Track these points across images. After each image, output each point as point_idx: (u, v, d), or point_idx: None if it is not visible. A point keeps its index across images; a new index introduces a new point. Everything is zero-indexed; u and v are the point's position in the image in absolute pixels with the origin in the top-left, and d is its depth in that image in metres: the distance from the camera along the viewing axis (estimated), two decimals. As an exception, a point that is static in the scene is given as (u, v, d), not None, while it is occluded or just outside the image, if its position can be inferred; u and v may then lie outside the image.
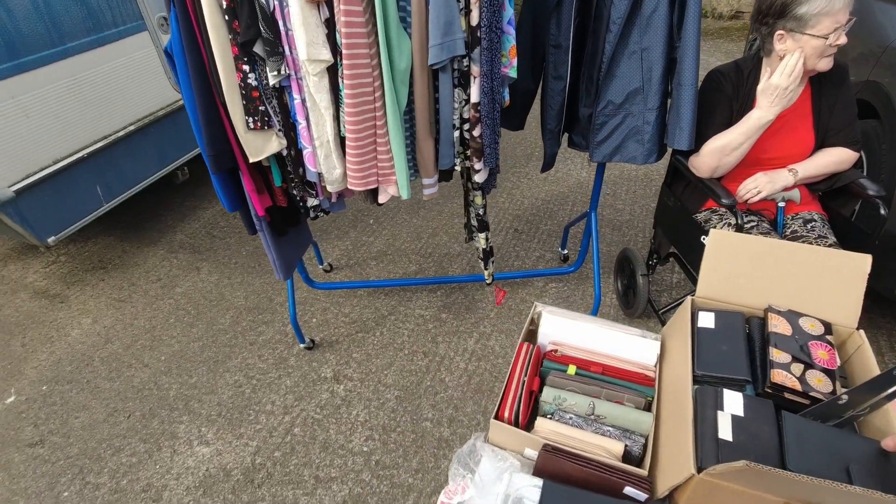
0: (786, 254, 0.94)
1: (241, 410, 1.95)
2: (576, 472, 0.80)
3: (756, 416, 0.74)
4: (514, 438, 0.87)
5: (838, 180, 1.62)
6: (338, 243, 2.79)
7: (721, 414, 0.75)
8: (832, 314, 0.91)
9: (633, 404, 0.89)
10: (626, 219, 2.88)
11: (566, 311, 1.03)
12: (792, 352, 0.84)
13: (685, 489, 0.74)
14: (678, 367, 0.87)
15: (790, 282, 0.93)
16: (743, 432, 0.72)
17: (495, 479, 0.84)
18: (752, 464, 0.59)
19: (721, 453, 0.70)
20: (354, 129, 1.44)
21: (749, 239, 0.96)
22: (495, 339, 2.20)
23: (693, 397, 0.79)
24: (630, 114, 1.67)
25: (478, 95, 1.48)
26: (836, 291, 0.92)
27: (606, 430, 0.86)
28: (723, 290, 0.96)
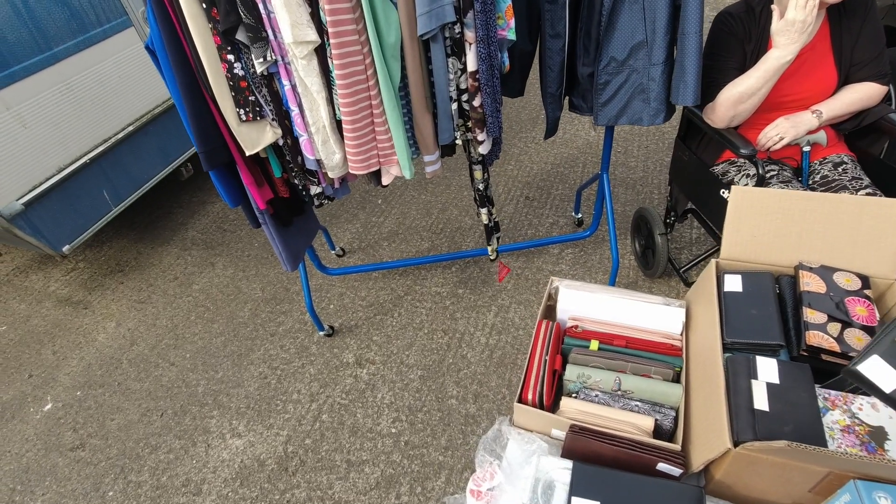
0: (814, 206, 0.88)
1: (268, 401, 1.98)
2: (606, 451, 0.78)
3: (793, 382, 0.70)
4: (539, 420, 0.85)
5: (866, 117, 1.52)
6: (348, 227, 2.76)
7: (755, 383, 0.71)
8: (869, 266, 0.85)
9: (660, 377, 0.86)
10: (639, 176, 2.79)
11: (584, 283, 0.99)
12: (827, 310, 0.80)
13: (721, 463, 0.71)
14: (706, 335, 0.83)
15: (821, 235, 0.88)
16: (780, 401, 0.69)
17: (523, 463, 0.83)
18: (794, 444, 0.55)
19: (758, 425, 0.67)
20: (350, 111, 1.38)
21: (773, 193, 0.90)
22: (514, 310, 2.17)
23: (724, 366, 0.75)
24: (635, 70, 1.58)
25: (475, 63, 1.41)
26: (872, 241, 0.86)
27: (634, 405, 0.83)
28: (749, 250, 0.91)
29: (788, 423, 0.66)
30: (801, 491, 0.69)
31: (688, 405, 0.82)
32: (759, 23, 1.48)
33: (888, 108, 1.51)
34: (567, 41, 1.64)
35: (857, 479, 0.61)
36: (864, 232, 0.86)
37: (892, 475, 0.59)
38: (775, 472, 0.68)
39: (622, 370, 0.87)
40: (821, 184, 1.52)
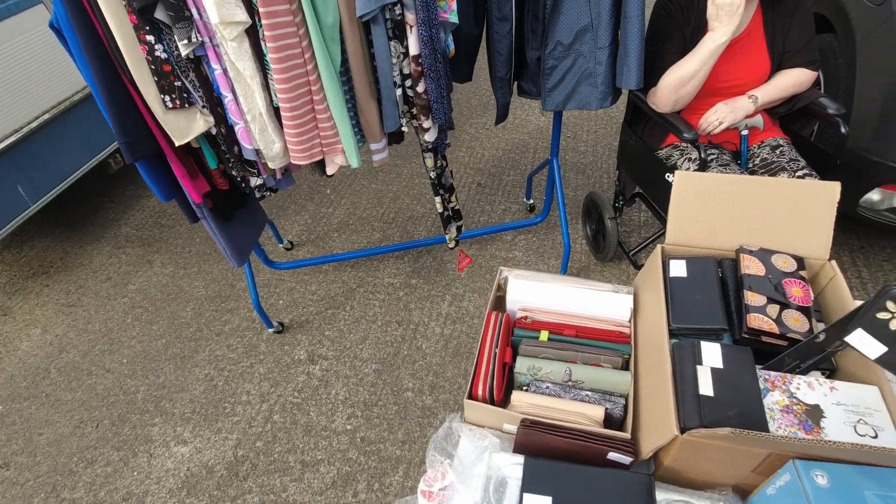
0: (753, 189, 0.90)
1: (215, 405, 1.88)
2: (558, 443, 0.77)
3: (735, 366, 0.71)
4: (490, 416, 0.83)
5: (798, 102, 1.58)
6: (296, 218, 2.66)
7: (700, 368, 0.71)
8: (804, 247, 0.88)
9: (610, 365, 0.86)
10: (589, 161, 2.82)
11: (533, 272, 0.98)
12: (766, 293, 0.81)
13: (670, 449, 0.71)
14: (653, 321, 0.83)
15: (760, 218, 0.89)
16: (723, 385, 0.69)
17: (475, 461, 0.81)
18: (737, 431, 0.56)
19: (703, 411, 0.67)
20: (288, 98, 1.31)
21: (715, 178, 0.90)
22: (469, 299, 2.16)
23: (671, 353, 0.75)
24: (581, 55, 1.58)
25: (417, 47, 1.35)
26: (807, 223, 0.88)
27: (585, 395, 0.83)
28: (693, 235, 0.91)
29: (732, 408, 0.67)
30: (744, 471, 0.70)
31: (637, 392, 0.82)
32: (697, 7, 1.50)
33: (818, 92, 1.57)
34: (514, 24, 1.62)
35: (796, 458, 0.63)
36: (800, 214, 0.89)
37: (827, 454, 0.60)
38: (721, 456, 0.69)
39: (572, 360, 0.86)
40: (761, 166, 1.58)
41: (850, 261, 2.12)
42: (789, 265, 0.85)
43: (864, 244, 2.17)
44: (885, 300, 0.60)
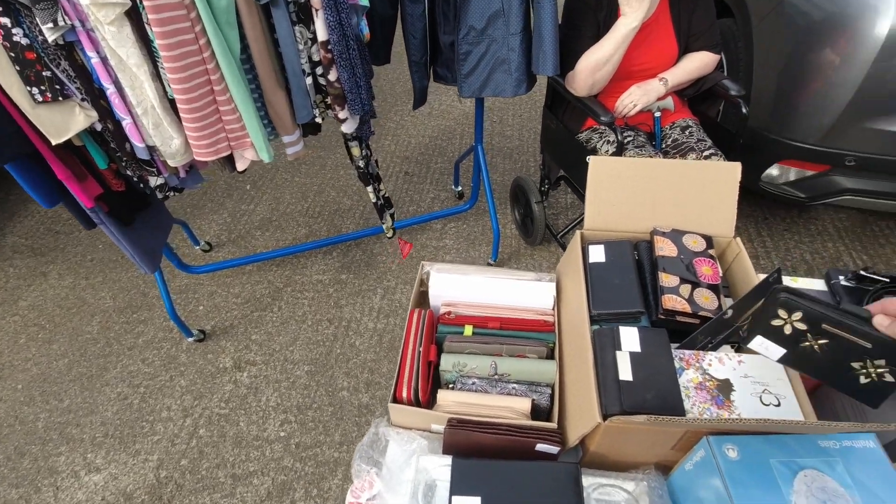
0: (663, 171, 0.91)
1: (131, 425, 1.73)
2: (486, 440, 0.75)
3: (653, 349, 0.72)
4: (416, 418, 0.80)
5: (704, 83, 1.65)
6: (213, 217, 2.49)
7: (619, 354, 0.72)
8: (711, 226, 0.91)
9: (535, 355, 0.85)
10: (515, 145, 2.84)
11: (455, 265, 0.95)
12: (679, 273, 0.83)
13: (594, 436, 0.71)
14: (575, 309, 0.83)
15: (671, 199, 0.91)
16: (642, 369, 0.70)
17: (403, 466, 0.78)
18: (652, 417, 0.56)
19: (623, 396, 0.68)
20: (184, 89, 1.19)
21: (628, 162, 0.91)
22: (401, 291, 2.12)
23: (592, 339, 0.75)
24: (494, 40, 1.55)
25: (325, 32, 1.27)
26: (713, 203, 0.92)
27: (512, 387, 0.82)
28: (610, 219, 0.92)
29: (650, 390, 0.68)
30: (665, 449, 0.72)
31: (562, 381, 0.82)
32: (611, -11, 1.52)
33: (721, 74, 1.65)
34: (427, 7, 1.57)
35: (709, 434, 0.64)
36: (706, 194, 0.91)
37: (736, 428, 0.62)
38: (642, 437, 0.70)
39: (498, 353, 0.85)
40: (672, 146, 1.64)
41: (756, 231, 2.28)
42: (699, 245, 0.88)
43: (767, 216, 2.34)
44: (776, 308, 0.63)
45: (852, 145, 1.67)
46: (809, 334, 0.63)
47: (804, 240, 2.24)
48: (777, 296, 0.63)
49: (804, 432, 0.62)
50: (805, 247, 2.21)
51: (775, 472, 0.61)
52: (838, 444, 0.63)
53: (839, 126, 1.64)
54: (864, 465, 0.61)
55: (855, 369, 0.62)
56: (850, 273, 0.92)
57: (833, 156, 1.71)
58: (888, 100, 1.59)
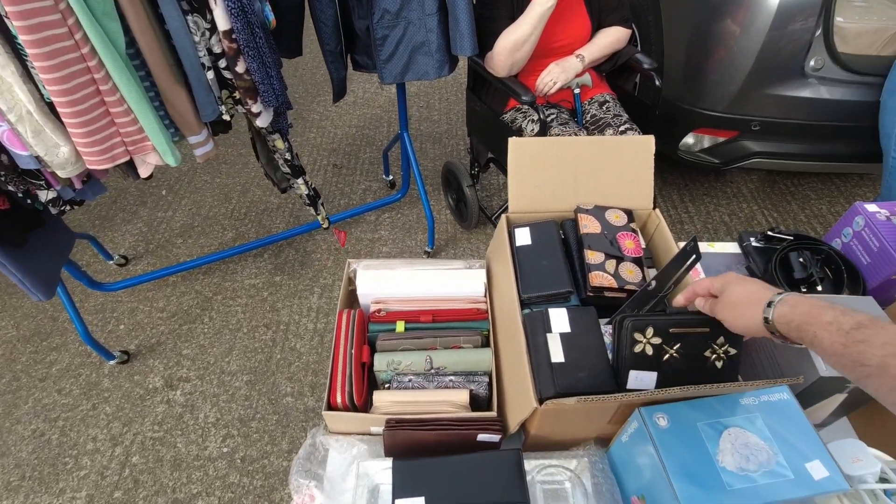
0: (581, 149, 0.92)
1: (52, 463, 1.59)
2: (426, 437, 0.73)
3: (582, 328, 0.73)
4: (353, 423, 0.77)
5: (619, 58, 1.69)
6: (126, 228, 2.30)
7: (550, 336, 0.72)
8: (631, 200, 0.93)
9: (470, 344, 0.84)
10: (444, 129, 2.82)
11: (382, 260, 0.92)
12: (604, 249, 0.84)
13: (533, 420, 0.71)
14: (506, 293, 0.82)
15: (590, 176, 0.92)
16: (573, 349, 0.70)
17: (345, 474, 0.74)
18: (583, 398, 0.56)
19: (556, 378, 0.68)
20: (62, 90, 1.06)
21: (545, 142, 0.91)
22: (339, 288, 2.02)
23: (523, 323, 0.74)
24: (410, 22, 1.51)
25: (227, 21, 1.18)
26: (631, 176, 0.93)
27: (449, 380, 0.80)
28: (534, 201, 0.92)
29: (583, 370, 0.69)
30: (602, 424, 0.73)
31: (498, 368, 0.81)
32: (523, -33, 1.51)
33: (634, 49, 1.69)
34: (337, -8, 1.49)
35: (641, 405, 0.66)
36: (624, 169, 0.93)
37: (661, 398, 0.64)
38: (579, 416, 0.70)
39: (432, 346, 0.83)
40: (591, 122, 1.67)
41: (679, 198, 2.39)
42: (621, 219, 0.89)
43: (687, 183, 2.46)
44: (631, 334, 0.68)
45: (756, 111, 1.77)
46: (665, 346, 0.68)
47: (722, 202, 2.38)
48: (625, 323, 0.68)
49: (723, 393, 0.65)
50: (723, 209, 2.34)
51: (703, 435, 0.63)
52: (756, 399, 0.66)
53: (743, 93, 1.73)
54: (781, 417, 0.64)
55: (709, 358, 0.69)
56: (759, 234, 0.97)
57: (740, 122, 1.81)
58: (783, 67, 1.69)
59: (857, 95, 1.69)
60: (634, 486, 0.69)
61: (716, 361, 0.68)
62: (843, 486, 0.59)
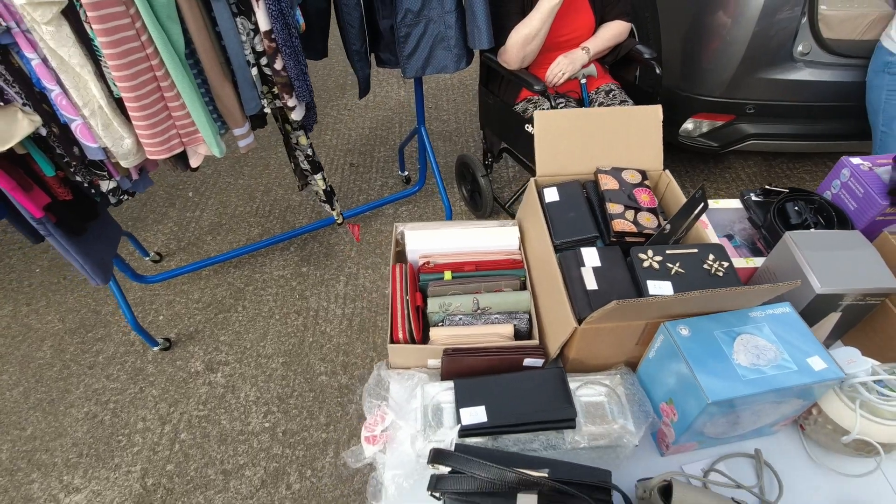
0: (598, 120, 1.04)
1: (106, 441, 1.69)
2: (479, 363, 0.85)
3: (610, 263, 0.85)
4: (414, 355, 0.88)
5: (621, 50, 1.82)
6: (158, 228, 2.42)
7: (584, 269, 0.83)
8: (644, 162, 1.05)
9: (510, 288, 0.96)
10: (453, 128, 2.95)
11: (425, 223, 1.04)
12: (623, 202, 0.96)
13: (572, 343, 0.83)
14: (539, 243, 0.94)
15: (607, 143, 1.04)
16: (604, 279, 0.82)
17: (409, 398, 0.86)
18: (621, 301, 0.67)
19: (592, 302, 0.79)
20: (131, 87, 1.19)
21: (568, 113, 1.03)
22: (363, 276, 2.17)
23: (558, 263, 0.86)
24: (431, 20, 1.64)
25: (267, 21, 1.31)
26: (642, 142, 1.05)
27: (494, 318, 0.92)
28: (558, 165, 1.04)
29: (613, 295, 0.80)
30: (630, 347, 0.85)
31: (536, 306, 0.93)
32: (532, -29, 1.64)
33: (635, 41, 1.82)
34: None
35: (666, 320, 0.77)
36: (636, 136, 1.05)
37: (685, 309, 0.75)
38: (611, 338, 0.82)
39: (477, 291, 0.94)
40: (598, 108, 1.80)
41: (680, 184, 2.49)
42: (636, 178, 1.01)
43: (688, 168, 2.59)
44: (635, 255, 0.82)
45: (750, 95, 1.90)
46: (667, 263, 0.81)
47: (721, 187, 2.50)
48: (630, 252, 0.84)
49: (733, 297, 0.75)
50: (723, 193, 2.47)
51: (719, 341, 0.74)
52: (763, 313, 0.78)
53: (737, 78, 1.87)
54: (784, 325, 0.76)
55: (709, 270, 0.82)
56: (759, 189, 1.09)
57: (735, 106, 1.94)
58: (773, 53, 1.83)
59: (844, 77, 1.82)
60: (662, 394, 0.80)
61: (716, 273, 0.79)
62: (839, 375, 0.70)
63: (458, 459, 0.65)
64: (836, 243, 0.86)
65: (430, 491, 0.66)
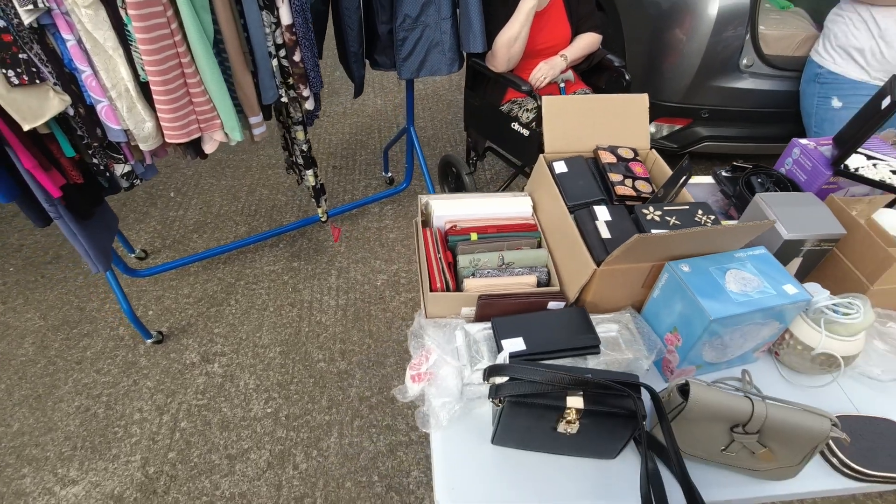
0: (596, 105, 1.20)
1: (102, 433, 1.67)
2: (509, 307, 0.96)
3: (619, 217, 0.99)
4: (451, 302, 0.99)
5: (594, 59, 2.03)
6: (141, 227, 2.41)
7: (598, 222, 0.98)
8: (634, 141, 1.22)
9: (529, 247, 1.08)
10: (431, 133, 3.09)
11: (447, 194, 1.16)
12: (621, 172, 1.12)
13: (590, 286, 0.96)
14: (553, 207, 1.08)
15: (603, 125, 1.21)
16: (615, 229, 0.97)
17: (449, 339, 0.96)
18: (642, 234, 0.81)
19: (608, 247, 0.93)
20: (159, 71, 1.25)
21: (570, 99, 1.19)
22: (354, 269, 2.25)
23: (574, 219, 1.00)
24: (427, 26, 1.79)
25: (289, 16, 1.41)
26: (632, 125, 1.22)
27: (518, 271, 1.04)
28: (563, 143, 1.19)
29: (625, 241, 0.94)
30: (636, 288, 0.99)
31: (553, 259, 1.06)
32: (514, -18, 1.82)
33: (605, 51, 2.04)
34: (362, 0, 1.75)
35: (669, 261, 0.92)
36: (627, 119, 1.22)
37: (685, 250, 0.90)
38: (622, 279, 0.96)
39: (501, 249, 1.07)
40: (576, 110, 1.99)
41: (640, 185, 2.75)
42: (629, 154, 1.18)
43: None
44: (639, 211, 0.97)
45: (704, 101, 2.16)
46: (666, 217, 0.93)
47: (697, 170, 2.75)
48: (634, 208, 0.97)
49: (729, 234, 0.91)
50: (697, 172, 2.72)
51: (714, 274, 0.90)
52: (745, 254, 0.94)
53: (693, 86, 2.12)
54: (762, 263, 0.92)
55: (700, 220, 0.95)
56: (728, 166, 1.28)
57: (692, 110, 2.19)
58: (723, 64, 2.09)
59: (782, 86, 2.11)
60: (666, 326, 0.94)
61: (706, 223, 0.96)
62: (807, 297, 0.87)
63: (514, 369, 0.76)
64: (795, 202, 1.04)
65: (491, 398, 0.77)
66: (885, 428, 0.90)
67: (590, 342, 0.90)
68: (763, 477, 0.84)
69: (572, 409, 0.75)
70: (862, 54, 1.76)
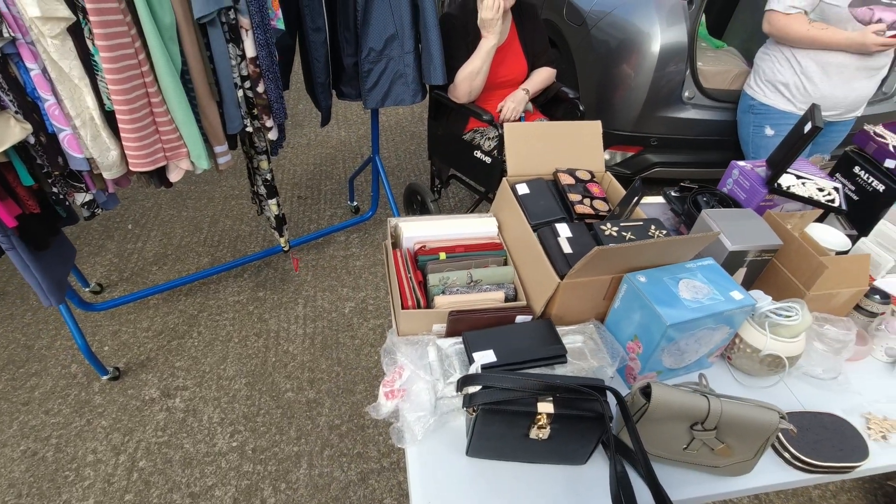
0: (554, 132, 1.29)
1: (51, 478, 1.57)
2: (479, 321, 1.00)
3: (579, 233, 1.05)
4: (423, 319, 1.01)
5: (550, 91, 2.15)
6: (96, 260, 2.33)
7: (560, 238, 1.03)
8: (591, 164, 1.30)
9: (496, 264, 1.13)
10: (395, 164, 3.16)
11: (415, 216, 1.20)
12: (580, 193, 1.19)
13: (555, 299, 1.01)
14: (517, 226, 1.13)
15: (561, 150, 1.29)
16: (576, 244, 1.02)
17: (421, 356, 0.98)
18: (601, 247, 0.87)
19: (570, 261, 0.99)
20: (125, 100, 1.26)
21: (530, 126, 1.27)
22: (321, 297, 2.24)
23: (538, 237, 1.06)
24: (391, 58, 1.86)
25: (254, 49, 1.45)
26: (587, 149, 1.31)
27: (486, 288, 1.08)
28: (524, 167, 1.26)
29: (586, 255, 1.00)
30: (598, 301, 1.04)
31: (520, 276, 1.11)
32: (474, 18, 1.93)
33: (560, 84, 2.17)
34: (328, 35, 1.82)
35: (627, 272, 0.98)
36: (584, 145, 1.31)
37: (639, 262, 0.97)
38: (584, 293, 1.01)
39: (469, 267, 1.11)
40: (535, 138, 2.09)
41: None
42: (586, 175, 1.26)
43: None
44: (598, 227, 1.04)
45: (652, 129, 2.31)
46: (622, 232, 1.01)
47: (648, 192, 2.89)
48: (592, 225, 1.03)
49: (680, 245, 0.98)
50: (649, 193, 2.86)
51: (668, 283, 0.96)
52: (695, 265, 1.01)
53: (642, 116, 2.27)
54: (710, 272, 1.00)
55: (653, 235, 1.02)
56: (677, 187, 1.38)
57: (642, 139, 2.34)
58: (668, 96, 2.25)
59: (721, 116, 2.29)
60: (627, 335, 1.00)
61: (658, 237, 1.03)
62: (752, 302, 0.94)
63: (486, 378, 0.79)
64: (737, 217, 1.14)
65: (465, 407, 0.79)
66: (829, 422, 0.97)
67: (557, 352, 0.94)
68: (722, 473, 0.89)
69: (543, 413, 0.78)
70: (787, 88, 1.95)
